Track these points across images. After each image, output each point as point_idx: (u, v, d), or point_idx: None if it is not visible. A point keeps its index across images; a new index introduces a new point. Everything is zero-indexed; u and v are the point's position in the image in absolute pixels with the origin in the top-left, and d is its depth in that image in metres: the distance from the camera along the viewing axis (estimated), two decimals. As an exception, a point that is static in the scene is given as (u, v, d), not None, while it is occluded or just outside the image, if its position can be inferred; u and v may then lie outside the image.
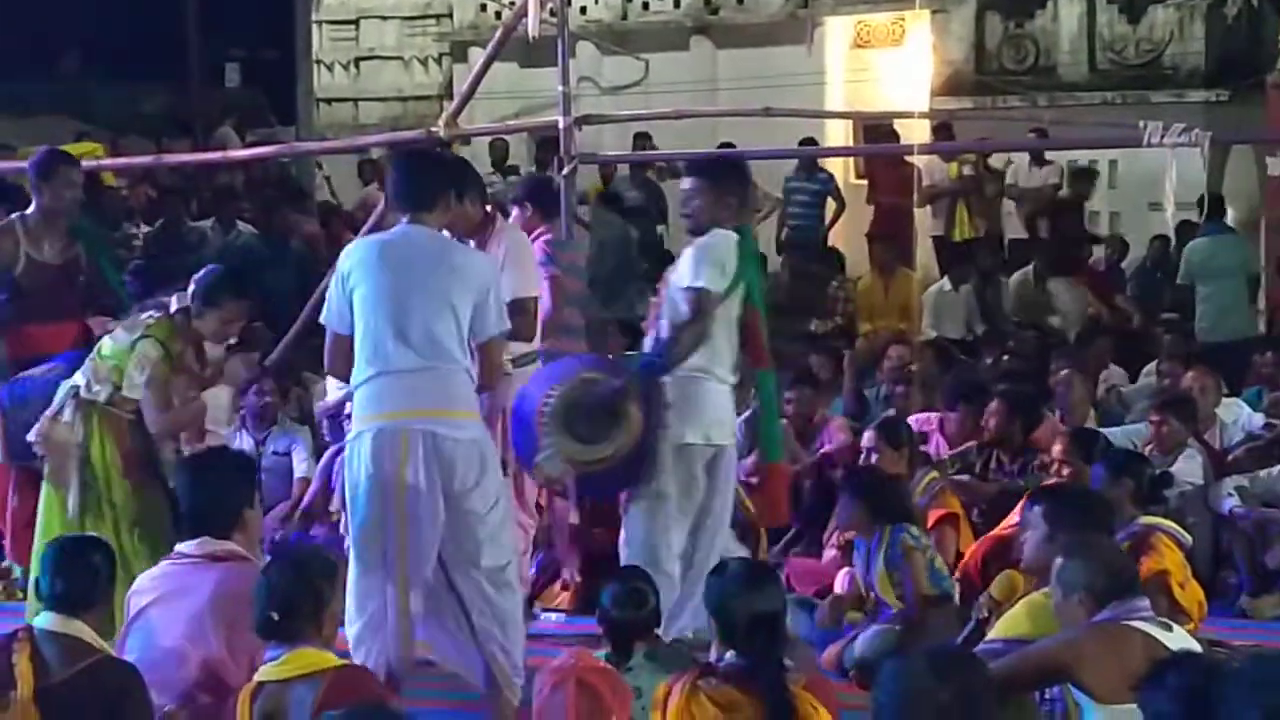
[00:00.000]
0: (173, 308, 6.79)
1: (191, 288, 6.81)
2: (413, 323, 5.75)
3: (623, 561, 6.47)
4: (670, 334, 6.46)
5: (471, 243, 6.81)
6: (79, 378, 6.76)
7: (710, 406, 6.55)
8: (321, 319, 6.03)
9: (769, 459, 7.17)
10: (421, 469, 5.71)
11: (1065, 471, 7.74)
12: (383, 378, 5.75)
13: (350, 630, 5.81)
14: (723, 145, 14.37)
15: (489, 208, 7.37)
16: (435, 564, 5.84)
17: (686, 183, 6.73)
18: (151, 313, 6.78)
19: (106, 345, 6.76)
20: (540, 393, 6.46)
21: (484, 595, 5.88)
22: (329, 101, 21.95)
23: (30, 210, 7.71)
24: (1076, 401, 9.17)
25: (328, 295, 5.97)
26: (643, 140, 15.06)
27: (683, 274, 6.47)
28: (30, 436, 6.78)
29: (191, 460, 5.92)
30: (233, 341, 7.56)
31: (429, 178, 6.13)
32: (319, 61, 21.97)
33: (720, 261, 6.47)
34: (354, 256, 5.90)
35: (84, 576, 5.01)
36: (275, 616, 4.74)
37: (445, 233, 6.16)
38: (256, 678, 4.77)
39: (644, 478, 6.55)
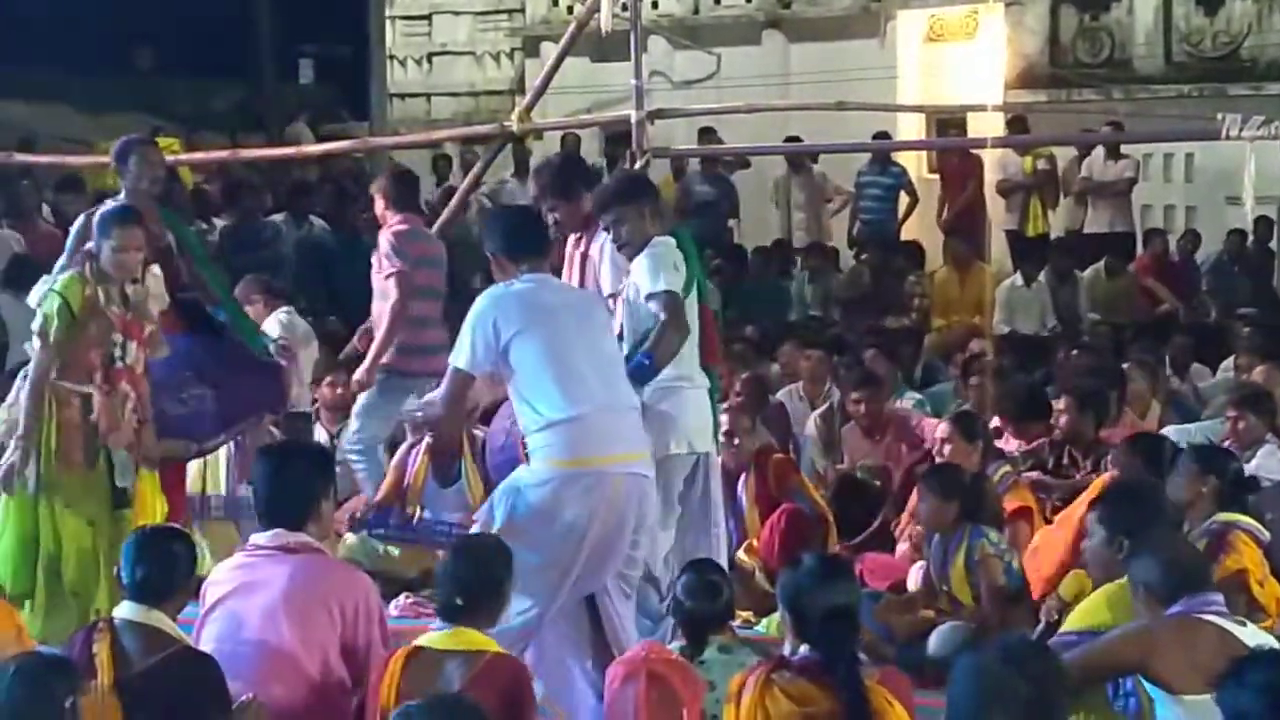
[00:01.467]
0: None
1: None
2: (606, 361, 5.95)
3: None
4: (655, 337, 6.36)
5: (577, 237, 6.83)
6: None
7: (691, 414, 6.49)
8: (451, 360, 6.02)
9: None
10: (620, 515, 5.85)
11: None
12: (586, 418, 5.81)
13: None
14: (789, 139, 14.38)
15: None
16: None
17: (605, 219, 6.63)
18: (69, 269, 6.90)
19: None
20: None
21: (619, 614, 6.03)
22: (402, 97, 22.05)
23: (116, 199, 7.68)
24: (1136, 394, 9.10)
25: (465, 338, 5.93)
26: (708, 135, 15.05)
27: (643, 283, 6.39)
28: None
29: (269, 451, 5.96)
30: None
31: (540, 227, 6.39)
32: (392, 57, 22.07)
33: (673, 263, 6.45)
34: (510, 304, 5.92)
35: (164, 566, 5.07)
36: (460, 602, 4.98)
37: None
38: (416, 642, 4.96)
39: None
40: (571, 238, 6.83)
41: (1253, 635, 4.65)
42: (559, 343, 5.85)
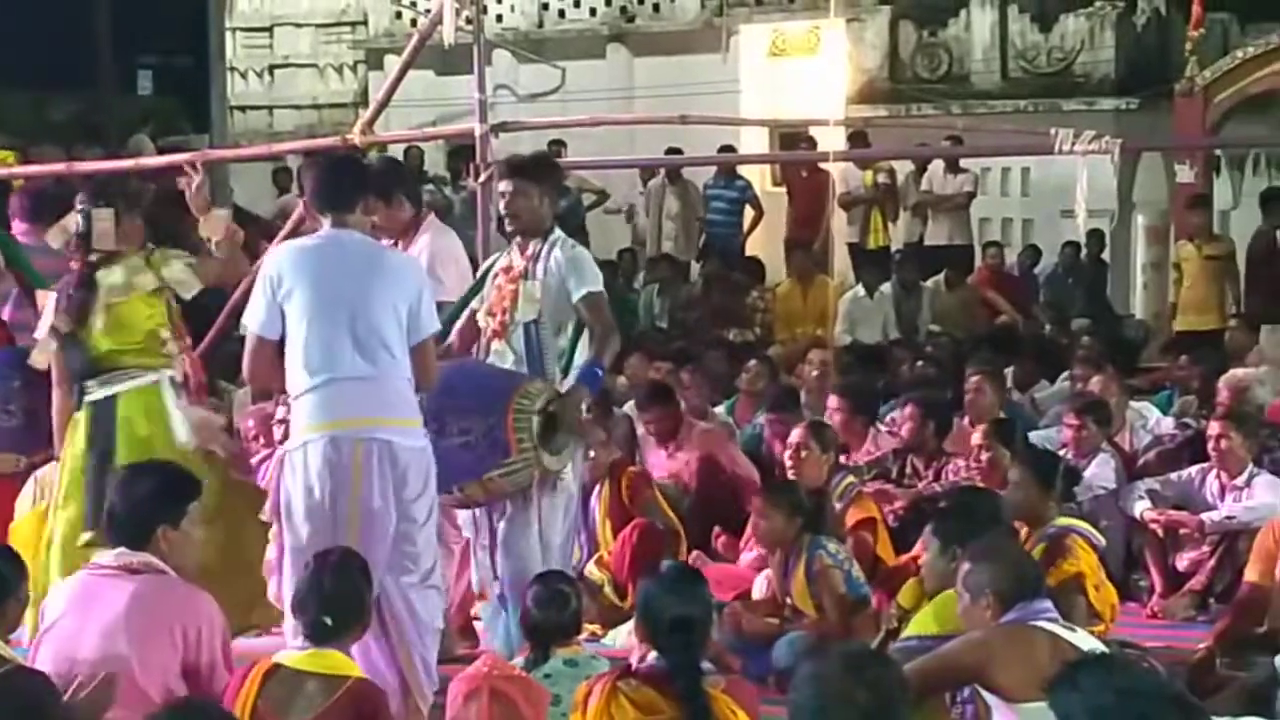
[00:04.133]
0: None
1: None
2: (363, 327, 5.73)
3: (543, 564, 6.44)
4: (599, 345, 6.43)
5: (398, 244, 6.81)
6: None
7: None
8: (243, 324, 5.95)
9: None
10: (376, 479, 5.70)
11: (985, 457, 7.87)
12: (335, 384, 5.71)
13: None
14: (669, 151, 14.43)
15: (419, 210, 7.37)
16: None
17: (505, 185, 6.68)
18: None
19: None
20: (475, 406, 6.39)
21: (409, 602, 5.85)
22: (243, 109, 21.82)
23: None
24: (986, 406, 9.24)
25: (252, 300, 5.87)
26: (557, 147, 15.07)
27: (575, 280, 6.44)
28: None
29: (126, 470, 5.85)
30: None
31: (347, 179, 6.12)
32: (233, 69, 21.83)
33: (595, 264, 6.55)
34: (283, 261, 5.84)
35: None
36: (329, 622, 4.89)
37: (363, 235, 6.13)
38: (274, 659, 4.88)
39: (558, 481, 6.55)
40: (387, 243, 6.77)
41: (1084, 640, 4.74)
42: (317, 307, 5.72)
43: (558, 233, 6.62)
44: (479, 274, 6.81)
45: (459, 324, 6.75)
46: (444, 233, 7.43)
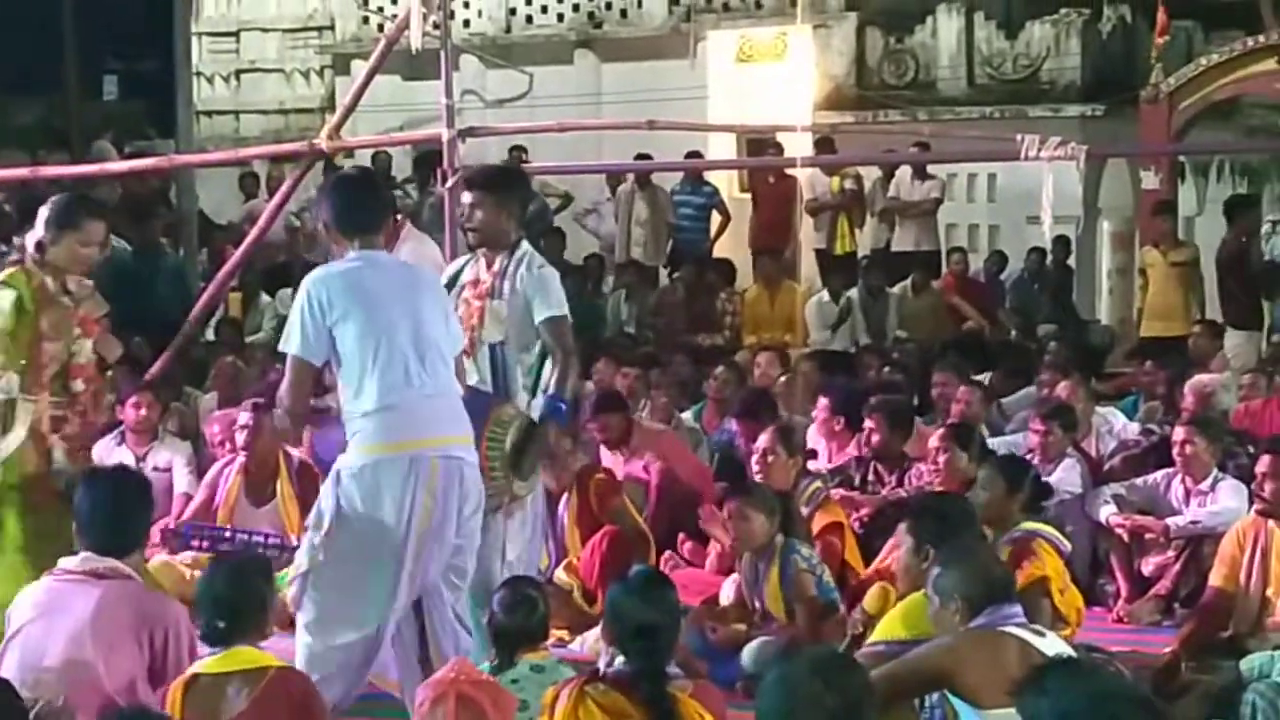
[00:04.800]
0: (28, 249, 6.55)
1: (42, 219, 6.55)
2: (422, 345, 5.77)
3: (510, 574, 6.44)
4: (560, 376, 6.42)
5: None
6: None
7: None
8: (283, 347, 5.87)
9: None
10: (448, 497, 5.76)
11: (941, 460, 7.89)
12: (407, 403, 5.71)
13: (312, 642, 5.73)
14: (639, 156, 14.43)
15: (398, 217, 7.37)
16: None
17: (466, 196, 6.69)
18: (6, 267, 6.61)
19: None
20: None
21: (456, 617, 5.94)
22: (210, 114, 21.73)
23: None
24: (975, 415, 9.28)
25: (294, 324, 5.78)
26: (518, 152, 15.04)
27: (540, 301, 6.44)
28: None
29: (91, 475, 5.82)
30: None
31: (374, 201, 6.16)
32: (199, 74, 21.69)
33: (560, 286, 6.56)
34: (330, 287, 5.76)
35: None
36: (221, 625, 4.85)
37: None
38: (191, 670, 4.85)
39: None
40: None
41: (1051, 645, 4.76)
42: (379, 328, 5.71)
43: (525, 247, 6.59)
44: (444, 280, 6.80)
45: None
46: (423, 240, 7.45)
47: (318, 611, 5.71)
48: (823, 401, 9.30)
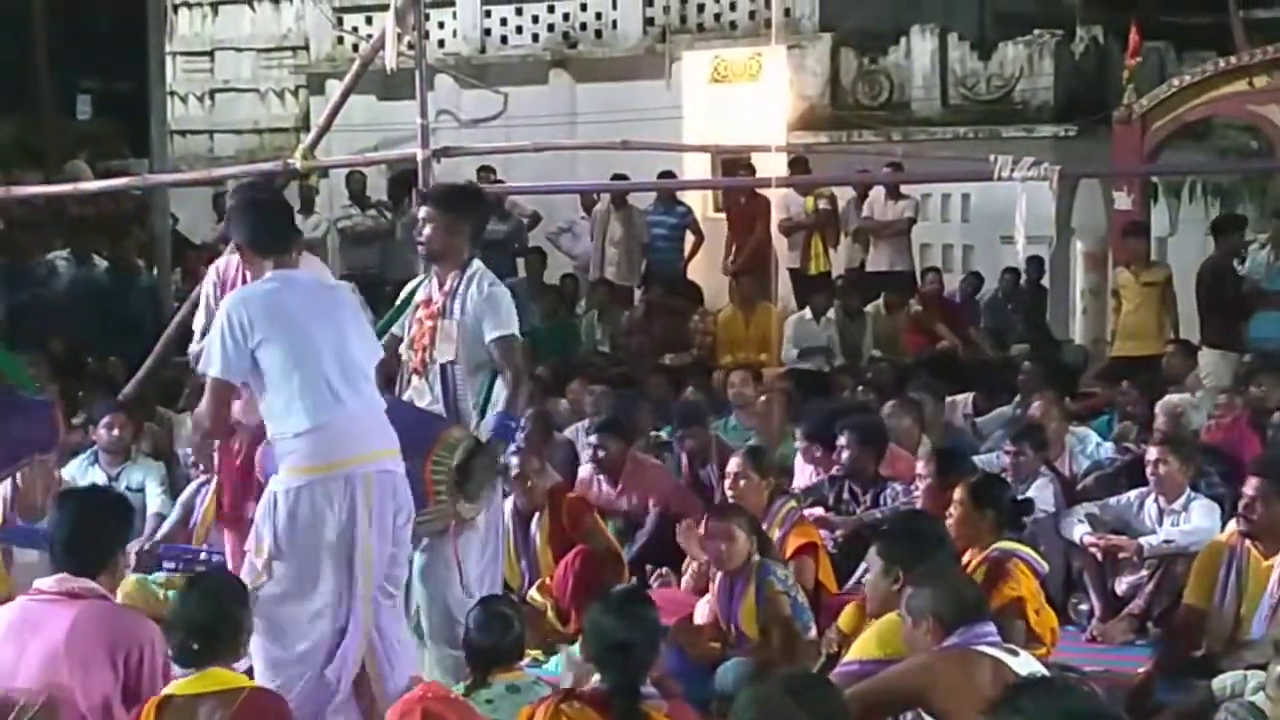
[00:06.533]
0: None
1: None
2: (345, 363, 5.81)
3: (470, 593, 6.41)
4: (511, 396, 6.41)
5: None
6: None
7: None
8: (203, 369, 5.91)
9: None
10: (378, 512, 5.78)
11: (923, 486, 7.90)
12: (336, 423, 5.75)
13: (270, 648, 5.74)
14: (616, 176, 14.46)
15: None
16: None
17: (422, 212, 6.73)
18: None
19: None
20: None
21: (391, 624, 5.94)
22: (183, 134, 21.71)
23: None
24: (903, 431, 9.28)
25: (215, 346, 5.82)
26: (487, 172, 15.04)
27: (490, 320, 6.44)
28: None
29: (68, 495, 5.82)
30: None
31: (284, 220, 6.20)
32: (173, 93, 21.69)
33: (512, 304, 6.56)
34: (249, 308, 5.80)
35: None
36: (195, 646, 4.86)
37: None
38: (165, 690, 4.84)
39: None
40: None
41: (1024, 664, 4.77)
42: (302, 349, 5.77)
43: (476, 265, 6.57)
44: (400, 299, 6.79)
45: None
46: (312, 261, 7.40)
47: (268, 626, 5.70)
48: (799, 432, 9.32)
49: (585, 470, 9.30)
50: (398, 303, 6.80)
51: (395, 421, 6.14)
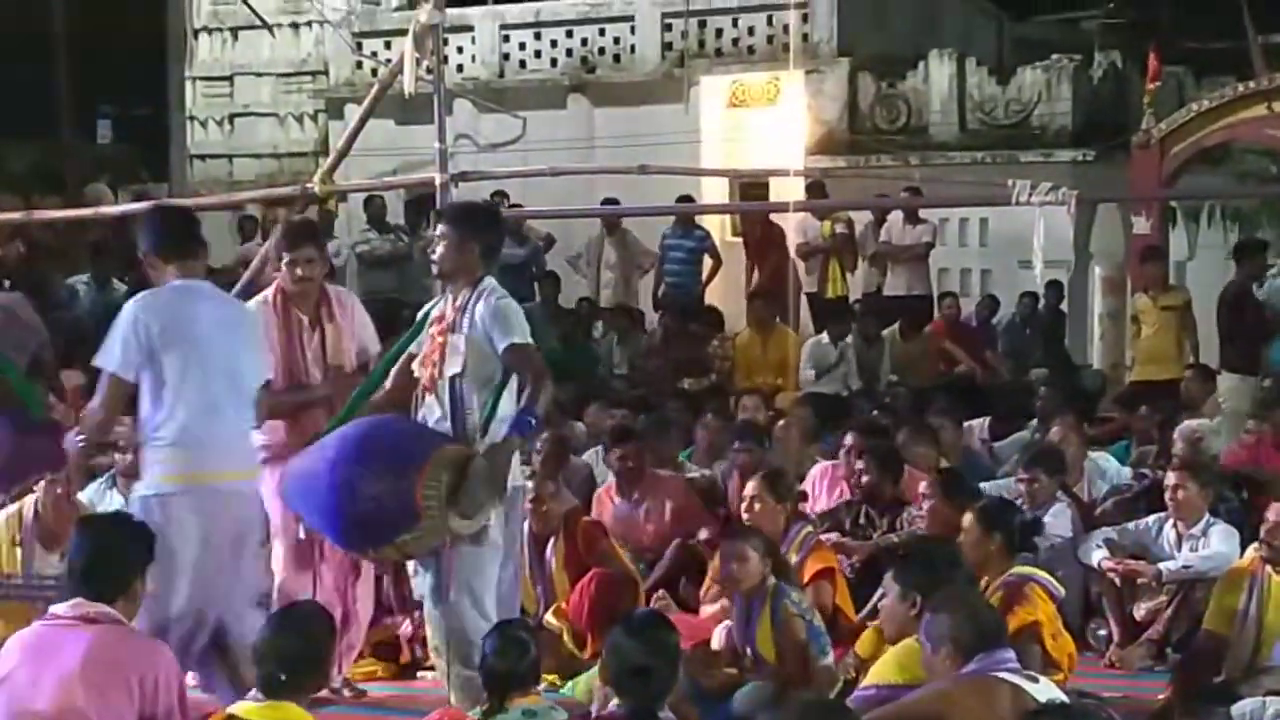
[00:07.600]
0: None
1: None
2: (235, 379, 6.02)
3: (476, 618, 6.38)
4: (532, 394, 6.37)
5: None
6: None
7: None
8: (100, 363, 6.02)
9: None
10: (239, 527, 6.05)
11: (927, 506, 7.89)
12: (213, 437, 5.95)
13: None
14: (606, 201, 14.49)
15: None
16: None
17: (437, 230, 6.80)
18: None
19: None
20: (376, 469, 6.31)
21: (247, 629, 5.95)
22: (203, 158, 21.80)
23: None
24: (920, 455, 9.27)
25: (115, 343, 5.98)
26: (501, 197, 15.05)
27: (500, 332, 6.40)
28: None
29: (88, 521, 5.89)
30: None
31: (191, 228, 6.37)
32: (192, 118, 21.82)
33: (522, 315, 6.57)
34: (154, 311, 5.98)
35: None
36: (283, 677, 4.90)
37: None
38: (230, 709, 4.90)
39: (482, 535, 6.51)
40: None
41: (1044, 690, 4.75)
42: (194, 360, 5.94)
43: (487, 282, 6.55)
44: (417, 320, 6.80)
45: (395, 371, 6.75)
46: None
47: None
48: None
49: (601, 490, 9.31)
50: (415, 324, 6.81)
51: (391, 435, 6.20)
